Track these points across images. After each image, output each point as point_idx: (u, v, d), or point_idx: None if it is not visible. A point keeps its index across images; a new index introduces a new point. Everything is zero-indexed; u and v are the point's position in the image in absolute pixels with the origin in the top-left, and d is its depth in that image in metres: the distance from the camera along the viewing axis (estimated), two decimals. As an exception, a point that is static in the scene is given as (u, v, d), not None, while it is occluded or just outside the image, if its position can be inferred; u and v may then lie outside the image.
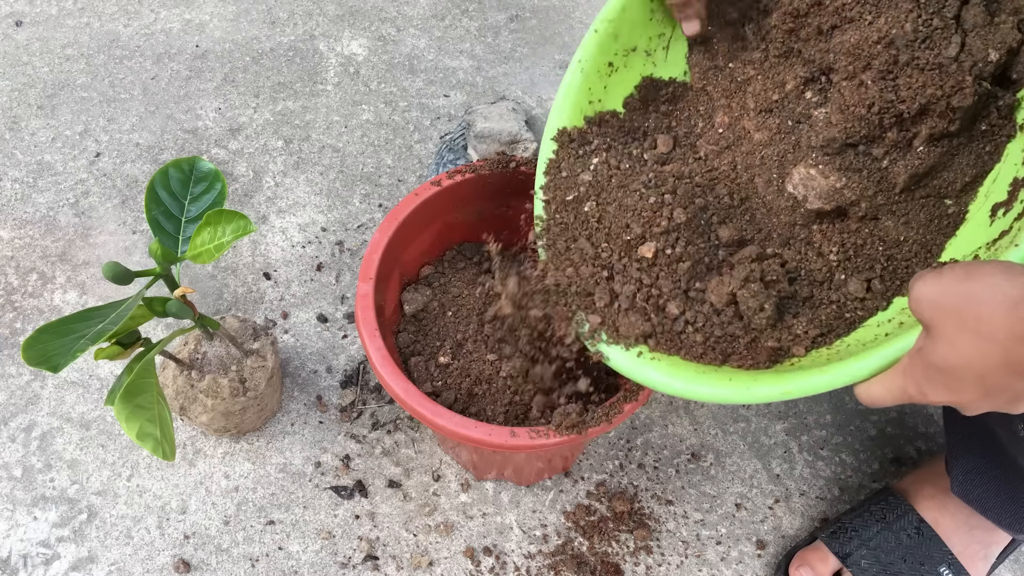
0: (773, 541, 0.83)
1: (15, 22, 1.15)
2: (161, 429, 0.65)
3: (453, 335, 0.78)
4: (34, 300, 0.94)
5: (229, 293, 0.95)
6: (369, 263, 0.73)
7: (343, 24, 1.16)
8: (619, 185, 0.64)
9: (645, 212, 0.62)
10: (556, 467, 0.84)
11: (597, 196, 0.64)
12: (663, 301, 0.61)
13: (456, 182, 0.77)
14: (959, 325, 0.45)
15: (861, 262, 0.60)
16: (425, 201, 0.77)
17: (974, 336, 0.45)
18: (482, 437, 0.65)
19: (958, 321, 0.45)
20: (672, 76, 0.71)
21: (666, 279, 0.61)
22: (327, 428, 0.87)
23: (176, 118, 1.07)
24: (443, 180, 0.77)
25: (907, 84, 0.55)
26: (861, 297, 0.59)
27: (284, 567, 0.80)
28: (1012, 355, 0.44)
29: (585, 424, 0.65)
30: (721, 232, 0.62)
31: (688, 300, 0.60)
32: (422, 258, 0.82)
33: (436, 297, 0.81)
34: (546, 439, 0.65)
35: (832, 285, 0.60)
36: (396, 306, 0.80)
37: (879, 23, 0.56)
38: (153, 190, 0.70)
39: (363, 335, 0.70)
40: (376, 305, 0.72)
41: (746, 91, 0.66)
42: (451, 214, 0.80)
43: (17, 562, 0.79)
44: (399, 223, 0.75)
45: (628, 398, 0.66)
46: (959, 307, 0.45)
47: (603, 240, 0.64)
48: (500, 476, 0.84)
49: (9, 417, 0.87)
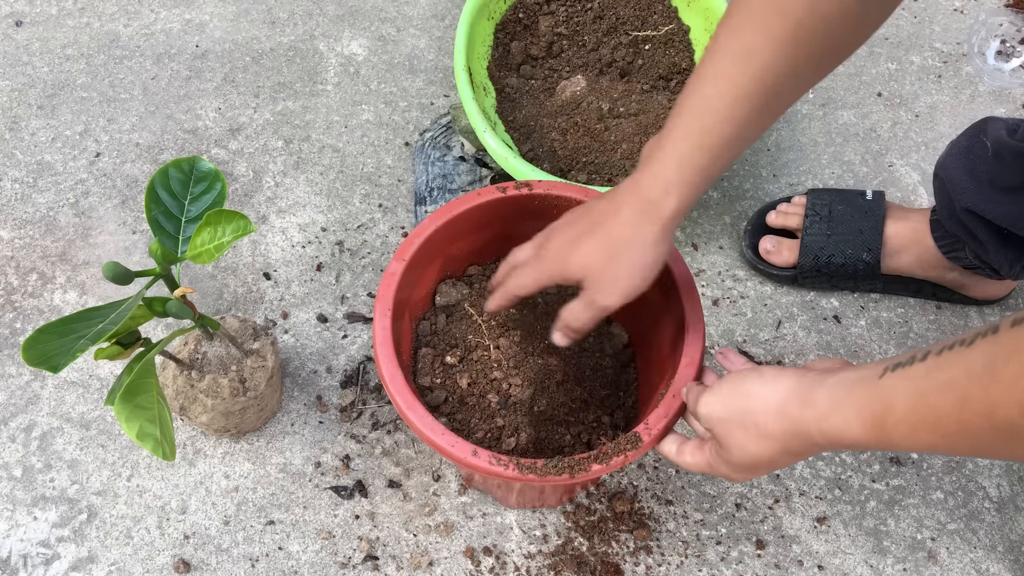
0: (773, 541, 0.83)
1: (15, 22, 1.15)
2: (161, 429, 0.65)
3: (468, 339, 0.78)
4: (34, 300, 0.94)
5: (229, 293, 0.95)
6: (408, 245, 0.73)
7: (343, 24, 1.16)
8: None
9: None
10: (547, 502, 0.83)
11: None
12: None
13: (521, 194, 0.77)
14: (745, 434, 0.59)
15: None
16: (482, 204, 0.76)
17: (758, 438, 0.58)
18: (444, 446, 0.65)
19: (743, 431, 0.59)
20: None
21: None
22: (327, 428, 0.87)
23: (176, 118, 1.07)
24: (509, 189, 0.77)
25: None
26: None
27: (284, 567, 0.80)
28: (789, 446, 0.57)
29: (545, 470, 0.64)
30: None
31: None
32: (471, 257, 0.82)
33: (469, 297, 0.81)
34: (503, 469, 0.64)
35: None
36: (428, 294, 0.80)
37: None
38: (153, 190, 0.70)
39: (376, 311, 0.70)
40: (400, 287, 0.72)
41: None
42: (511, 224, 0.80)
43: (17, 562, 0.79)
44: (451, 217, 0.75)
45: (600, 459, 0.65)
46: (742, 421, 0.59)
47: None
48: (486, 491, 0.84)
49: (9, 417, 0.87)
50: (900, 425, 0.50)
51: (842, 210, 0.95)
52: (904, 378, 0.51)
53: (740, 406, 0.59)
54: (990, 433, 0.45)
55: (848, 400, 0.54)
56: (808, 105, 1.12)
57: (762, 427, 0.58)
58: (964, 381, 0.46)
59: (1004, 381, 0.44)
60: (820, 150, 1.08)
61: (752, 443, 0.59)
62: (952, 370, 0.47)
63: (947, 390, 0.47)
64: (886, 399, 0.51)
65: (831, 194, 0.96)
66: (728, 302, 0.96)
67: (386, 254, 0.98)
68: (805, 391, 0.56)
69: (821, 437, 0.55)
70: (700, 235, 1.01)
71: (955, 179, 0.84)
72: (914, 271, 0.94)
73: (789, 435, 0.57)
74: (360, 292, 0.95)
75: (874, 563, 0.82)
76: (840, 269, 0.94)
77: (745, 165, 1.06)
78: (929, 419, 0.49)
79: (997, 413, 0.44)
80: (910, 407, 0.50)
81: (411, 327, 0.78)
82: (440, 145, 1.04)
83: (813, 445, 0.56)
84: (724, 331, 0.94)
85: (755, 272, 0.98)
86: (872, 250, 0.93)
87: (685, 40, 1.07)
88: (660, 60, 1.06)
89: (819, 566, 0.82)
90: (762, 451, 0.59)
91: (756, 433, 0.58)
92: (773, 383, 0.58)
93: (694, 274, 0.97)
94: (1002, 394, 0.44)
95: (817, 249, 0.94)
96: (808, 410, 0.56)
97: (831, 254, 0.94)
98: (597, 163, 0.97)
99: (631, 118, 0.99)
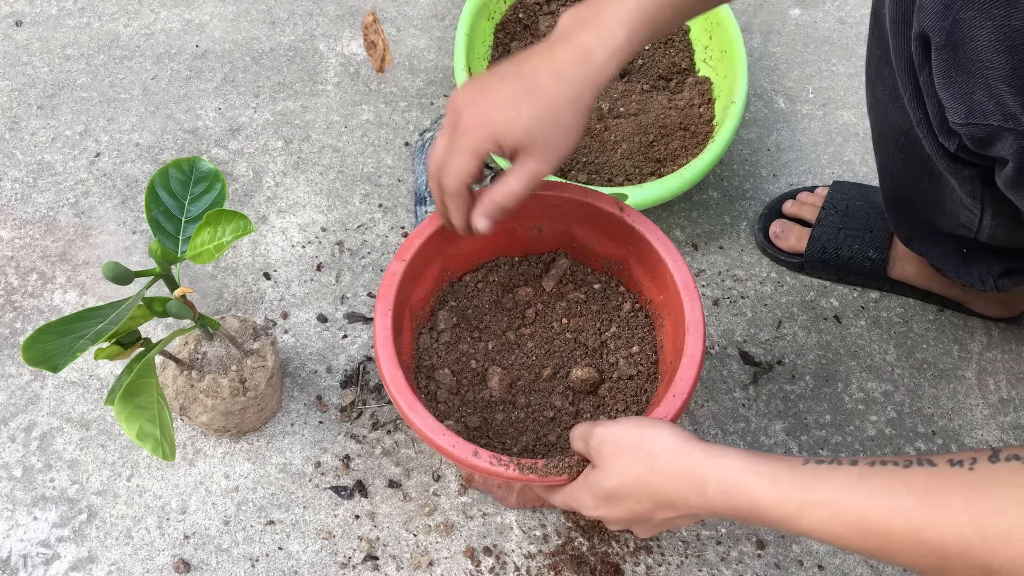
0: (773, 541, 0.83)
1: (15, 22, 1.15)
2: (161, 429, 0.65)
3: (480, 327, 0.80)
4: (34, 300, 0.94)
5: (229, 293, 0.95)
6: (408, 246, 0.74)
7: (343, 24, 1.16)
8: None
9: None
10: (547, 502, 0.83)
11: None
12: None
13: None
14: (632, 459, 0.58)
15: None
16: None
17: (643, 468, 0.57)
18: (445, 446, 0.65)
19: (631, 456, 0.58)
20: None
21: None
22: (327, 428, 0.87)
23: (176, 118, 1.07)
24: None
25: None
26: None
27: (284, 567, 0.80)
28: (667, 488, 0.56)
29: (546, 470, 0.65)
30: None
31: None
32: (471, 256, 0.82)
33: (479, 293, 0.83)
34: (504, 469, 0.64)
35: None
36: (428, 294, 0.80)
37: None
38: (153, 190, 0.70)
39: (377, 311, 0.71)
40: (401, 287, 0.72)
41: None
42: (510, 223, 0.80)
43: (17, 562, 0.79)
44: None
45: None
46: (635, 447, 0.58)
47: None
48: (486, 491, 0.84)
49: (9, 417, 0.87)
50: (817, 508, 0.51)
51: (860, 206, 0.95)
52: (832, 471, 0.52)
53: (640, 434, 0.59)
54: (915, 547, 0.48)
55: (764, 468, 0.54)
56: (808, 105, 1.12)
57: (655, 458, 0.57)
58: (903, 494, 0.49)
59: (949, 506, 0.47)
60: (820, 150, 1.08)
61: (632, 470, 0.58)
62: (890, 481, 0.50)
63: (881, 494, 0.49)
64: (809, 480, 0.52)
65: (854, 188, 0.96)
66: (728, 302, 0.96)
67: (386, 254, 0.98)
68: (718, 448, 0.56)
69: (716, 489, 0.55)
70: (700, 235, 1.01)
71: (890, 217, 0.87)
72: (919, 282, 0.94)
73: (678, 476, 0.56)
74: (360, 292, 0.95)
75: (874, 563, 0.82)
76: (846, 263, 0.94)
77: (745, 165, 1.06)
78: (852, 513, 0.50)
79: (928, 532, 0.47)
80: (834, 494, 0.51)
81: (411, 327, 0.78)
82: (439, 145, 1.05)
83: (698, 498, 0.55)
84: (724, 331, 0.94)
85: (763, 255, 0.99)
86: (879, 249, 0.93)
87: (685, 40, 1.07)
88: (660, 60, 1.06)
89: (819, 566, 0.82)
90: (637, 482, 0.58)
91: (645, 464, 0.57)
92: (686, 434, 0.58)
93: (694, 274, 0.97)
94: (941, 517, 0.47)
95: (825, 241, 0.94)
96: (715, 459, 0.55)
97: (838, 247, 0.94)
98: (597, 163, 0.97)
99: (631, 118, 0.99)
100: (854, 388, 0.91)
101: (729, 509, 0.55)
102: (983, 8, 0.54)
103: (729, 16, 1.01)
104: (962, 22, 0.55)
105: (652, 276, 0.78)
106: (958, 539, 0.46)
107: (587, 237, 0.81)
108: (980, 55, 0.55)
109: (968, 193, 0.70)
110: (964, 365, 0.93)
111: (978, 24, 0.55)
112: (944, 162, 0.68)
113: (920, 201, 0.79)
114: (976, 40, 0.55)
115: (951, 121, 0.61)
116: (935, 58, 0.59)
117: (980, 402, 0.91)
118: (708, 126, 0.99)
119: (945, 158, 0.67)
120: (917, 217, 0.82)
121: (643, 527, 0.62)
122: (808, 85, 1.13)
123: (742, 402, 0.90)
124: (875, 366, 0.93)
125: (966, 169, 0.68)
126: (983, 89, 0.57)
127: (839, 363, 0.93)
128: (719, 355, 0.93)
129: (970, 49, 0.56)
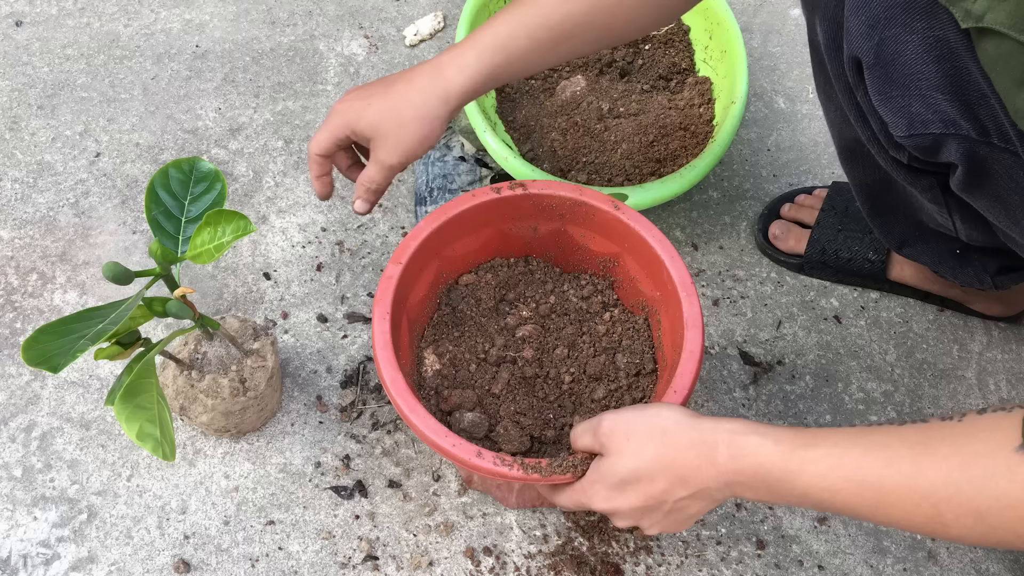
0: (773, 541, 0.83)
1: (15, 22, 1.15)
2: (161, 429, 0.65)
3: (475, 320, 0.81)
4: (34, 300, 0.94)
5: (229, 293, 0.95)
6: (404, 248, 0.74)
7: (343, 24, 1.16)
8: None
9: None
10: (547, 501, 0.83)
11: None
12: None
13: (516, 194, 0.77)
14: (646, 438, 0.60)
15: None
16: (479, 205, 0.77)
17: (657, 444, 0.59)
18: (447, 448, 0.65)
19: (646, 435, 0.60)
20: None
21: None
22: (327, 428, 0.87)
23: (176, 118, 1.07)
24: (503, 189, 0.77)
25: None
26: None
27: (284, 567, 0.80)
28: (683, 460, 0.59)
29: (549, 470, 0.65)
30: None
31: None
32: (468, 258, 0.82)
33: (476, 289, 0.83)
34: (508, 469, 0.65)
35: None
36: (426, 296, 0.80)
37: None
38: (153, 190, 0.70)
39: (375, 314, 0.71)
40: (398, 290, 0.73)
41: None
42: (507, 225, 0.80)
43: (17, 562, 0.80)
44: (446, 219, 0.76)
45: None
46: (648, 426, 0.60)
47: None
48: (486, 491, 0.84)
49: (9, 417, 0.87)
50: (817, 462, 0.54)
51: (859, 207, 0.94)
52: (832, 431, 0.56)
53: (651, 414, 0.62)
54: (908, 496, 0.51)
55: (769, 430, 0.57)
56: (808, 105, 1.12)
57: (668, 433, 0.60)
58: (897, 445, 0.52)
59: (938, 453, 0.50)
60: (820, 150, 1.08)
61: (648, 447, 0.60)
62: (884, 436, 0.53)
63: (875, 448, 0.53)
64: (810, 438, 0.56)
65: None
66: (728, 302, 0.96)
67: (386, 254, 0.98)
68: (725, 417, 0.60)
69: (725, 453, 0.57)
70: (700, 235, 1.01)
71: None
72: (919, 284, 0.94)
73: (691, 445, 0.59)
74: (360, 292, 0.95)
75: (874, 563, 0.82)
76: (846, 265, 0.94)
77: (745, 165, 1.06)
78: (849, 465, 0.53)
79: (920, 479, 0.50)
80: (833, 448, 0.54)
81: (409, 329, 0.78)
82: (440, 145, 1.04)
83: (709, 466, 0.58)
84: (724, 331, 0.94)
85: (763, 256, 0.99)
86: (878, 251, 0.93)
87: (685, 40, 1.07)
88: (660, 60, 1.06)
89: (819, 566, 0.82)
90: (653, 458, 0.60)
91: (659, 440, 0.60)
92: (693, 412, 0.61)
93: (694, 274, 0.97)
94: (931, 463, 0.50)
95: (825, 242, 0.94)
96: (723, 424, 0.59)
97: (838, 249, 0.94)
98: (597, 163, 0.97)
99: (631, 118, 0.99)
100: (854, 388, 0.91)
101: (737, 474, 0.57)
102: (905, 24, 0.56)
103: (729, 16, 1.01)
104: (888, 40, 0.57)
105: (649, 273, 0.78)
106: (947, 482, 0.49)
107: (582, 236, 0.81)
108: (910, 68, 0.57)
109: (932, 200, 0.71)
110: (964, 365, 0.93)
111: (903, 39, 0.56)
112: (901, 174, 0.69)
113: (900, 204, 0.80)
114: (904, 55, 0.57)
115: (895, 135, 0.62)
116: (868, 77, 0.60)
117: (980, 402, 0.91)
118: (708, 126, 0.99)
119: (901, 170, 0.69)
120: (902, 221, 0.82)
121: (653, 516, 0.62)
122: (808, 85, 1.13)
123: (742, 402, 0.90)
124: (875, 366, 0.93)
125: (924, 178, 0.69)
126: (919, 100, 0.58)
127: (839, 363, 0.93)
128: (719, 355, 0.93)
129: (900, 64, 0.57)
